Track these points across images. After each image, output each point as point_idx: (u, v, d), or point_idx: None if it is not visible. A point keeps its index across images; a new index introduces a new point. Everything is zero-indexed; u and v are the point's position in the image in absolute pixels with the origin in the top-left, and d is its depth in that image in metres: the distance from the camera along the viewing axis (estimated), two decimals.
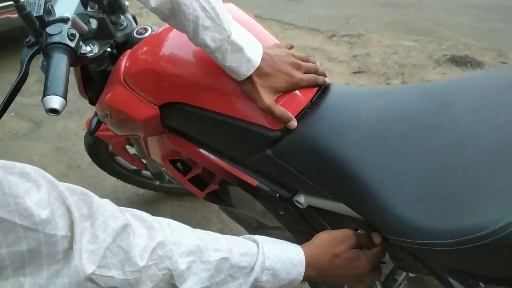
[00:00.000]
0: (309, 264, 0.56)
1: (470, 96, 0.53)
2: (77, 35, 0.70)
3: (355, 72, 2.64)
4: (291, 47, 0.70)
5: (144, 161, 1.38)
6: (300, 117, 0.65)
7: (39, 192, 0.36)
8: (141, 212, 0.46)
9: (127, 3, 0.91)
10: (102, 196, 0.44)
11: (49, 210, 0.36)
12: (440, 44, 2.91)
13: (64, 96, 0.62)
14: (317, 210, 0.72)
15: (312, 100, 0.66)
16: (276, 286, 0.53)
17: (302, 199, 0.70)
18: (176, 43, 0.70)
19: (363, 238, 0.62)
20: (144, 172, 1.60)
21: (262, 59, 0.62)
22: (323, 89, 0.69)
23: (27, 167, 0.36)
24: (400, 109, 0.57)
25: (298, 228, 0.76)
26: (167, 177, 1.42)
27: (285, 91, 0.65)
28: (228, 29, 0.59)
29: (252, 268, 0.51)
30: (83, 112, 2.34)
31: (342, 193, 0.59)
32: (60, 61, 0.65)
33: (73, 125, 2.33)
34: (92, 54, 0.83)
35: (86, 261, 0.37)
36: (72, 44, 0.68)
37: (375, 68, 2.68)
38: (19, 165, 0.36)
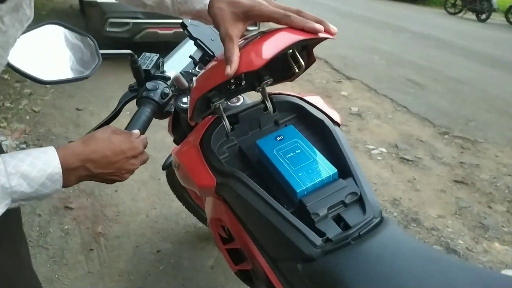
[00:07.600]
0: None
1: None
2: (170, 94, 0.79)
3: (456, 181, 2.41)
4: None
5: None
6: (339, 246, 0.61)
7: None
8: None
9: None
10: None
11: None
12: None
13: None
14: None
15: (360, 233, 0.62)
16: (36, 188, 0.53)
17: None
18: None
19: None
20: None
21: None
22: (378, 222, 0.64)
23: None
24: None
25: None
26: None
27: (250, 11, 0.60)
28: None
29: None
30: None
31: None
32: (144, 114, 0.74)
33: (170, 139, 2.54)
34: (186, 106, 0.92)
35: None
36: (161, 102, 0.77)
37: (480, 184, 2.41)
38: None
